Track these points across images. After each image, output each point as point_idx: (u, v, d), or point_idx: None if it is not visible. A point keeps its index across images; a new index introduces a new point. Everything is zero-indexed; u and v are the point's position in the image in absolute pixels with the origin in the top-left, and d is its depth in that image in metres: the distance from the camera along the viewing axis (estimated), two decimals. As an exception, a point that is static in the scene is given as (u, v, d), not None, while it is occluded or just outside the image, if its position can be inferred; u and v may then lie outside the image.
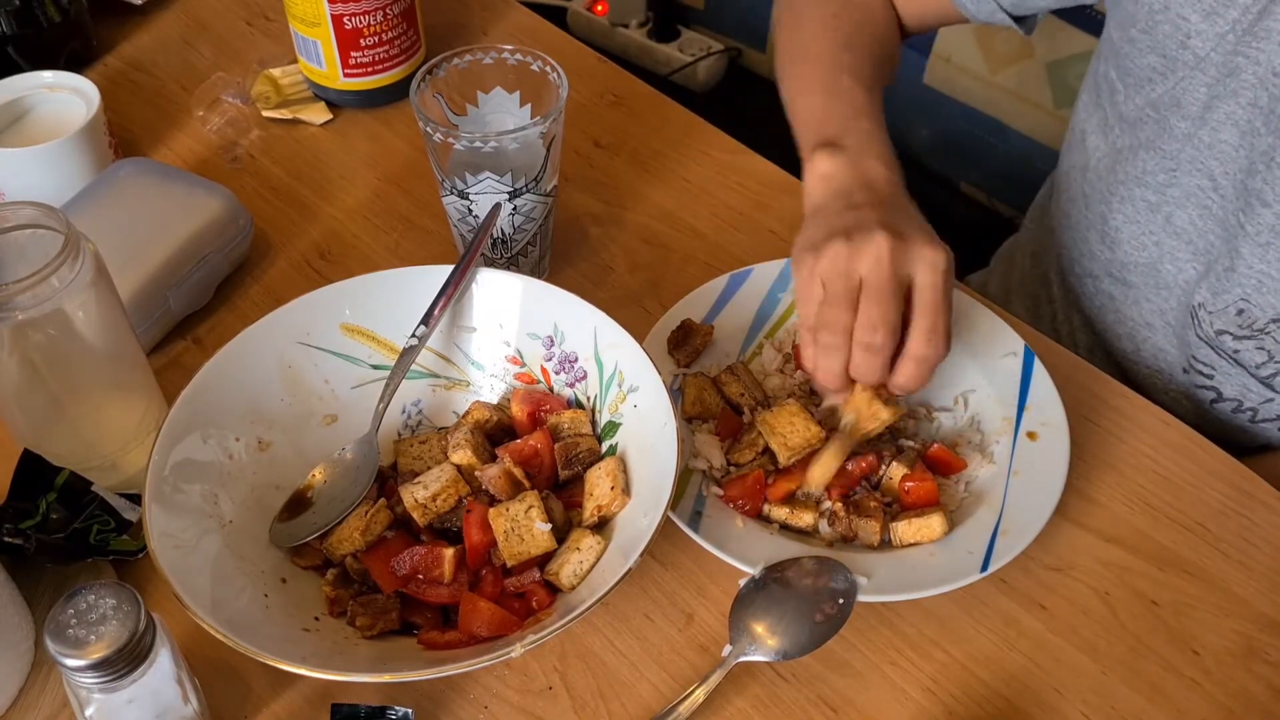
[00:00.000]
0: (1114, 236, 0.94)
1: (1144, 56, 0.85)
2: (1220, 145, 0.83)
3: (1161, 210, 0.89)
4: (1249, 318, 0.85)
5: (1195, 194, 0.86)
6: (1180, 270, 0.90)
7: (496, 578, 0.70)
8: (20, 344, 0.68)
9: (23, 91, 0.95)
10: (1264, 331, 0.85)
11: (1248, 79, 0.79)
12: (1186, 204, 0.87)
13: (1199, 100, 0.82)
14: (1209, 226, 0.86)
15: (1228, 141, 0.82)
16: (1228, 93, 0.80)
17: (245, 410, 0.74)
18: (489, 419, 0.77)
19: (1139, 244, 0.92)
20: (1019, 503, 0.74)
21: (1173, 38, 0.82)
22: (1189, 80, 0.82)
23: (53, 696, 0.68)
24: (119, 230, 0.84)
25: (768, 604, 0.69)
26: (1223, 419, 0.93)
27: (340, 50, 1.01)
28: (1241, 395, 0.90)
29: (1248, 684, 0.70)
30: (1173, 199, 0.88)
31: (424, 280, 0.77)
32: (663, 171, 1.01)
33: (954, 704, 0.69)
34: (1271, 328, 0.85)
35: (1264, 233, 0.81)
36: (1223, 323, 0.87)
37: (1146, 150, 0.88)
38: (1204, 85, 0.82)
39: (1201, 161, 0.84)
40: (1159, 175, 0.88)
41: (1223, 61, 0.80)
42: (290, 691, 0.69)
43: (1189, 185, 0.86)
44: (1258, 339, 0.86)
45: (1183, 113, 0.84)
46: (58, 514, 0.71)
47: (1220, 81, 0.80)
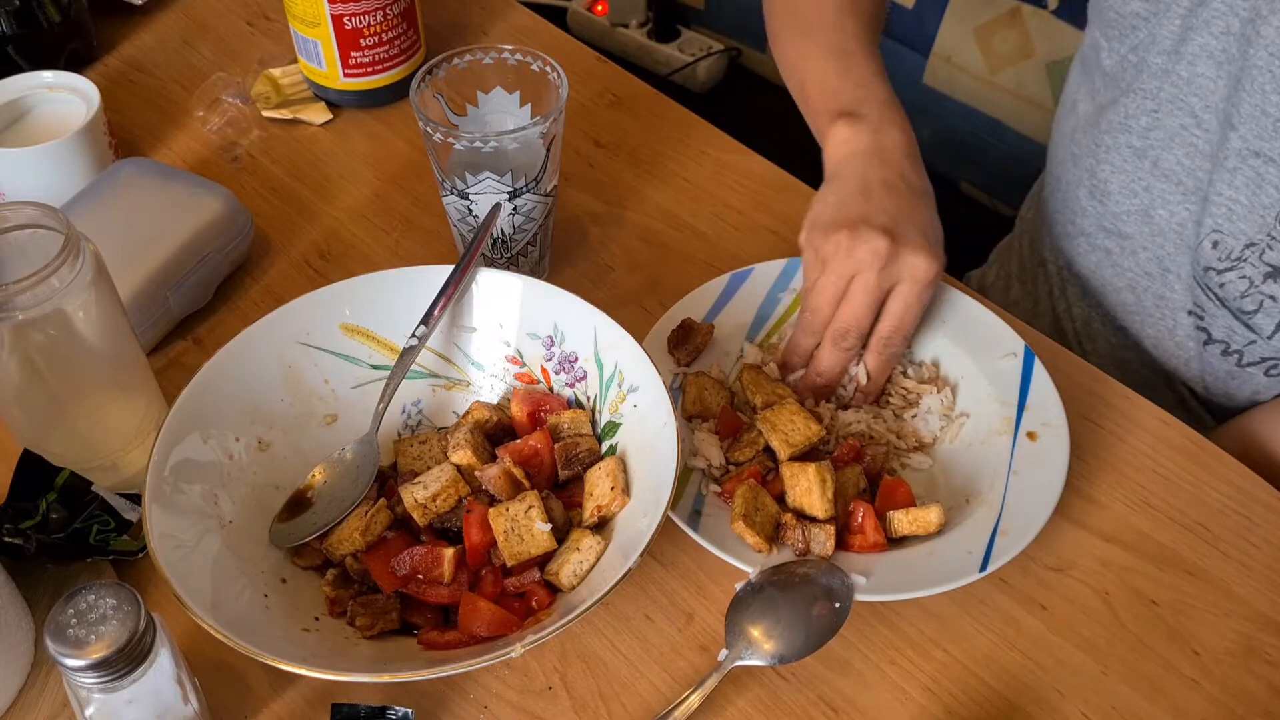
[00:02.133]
0: (1103, 189, 0.95)
1: (1128, 4, 0.87)
2: (1198, 79, 0.84)
3: (1148, 155, 0.90)
4: (1224, 249, 0.87)
5: (1179, 133, 0.87)
6: (1173, 213, 0.91)
7: (496, 578, 0.70)
8: (20, 344, 0.68)
9: (23, 91, 0.95)
10: (1241, 259, 0.86)
11: (1218, 7, 0.81)
12: (1172, 144, 0.88)
13: (1172, 35, 0.85)
14: (1197, 164, 0.87)
15: (1205, 74, 0.84)
16: (1199, 24, 0.82)
17: (245, 410, 0.74)
18: (489, 419, 0.77)
19: (1129, 191, 0.93)
20: (1019, 503, 0.74)
21: None
22: (1169, 19, 0.85)
23: (53, 696, 0.68)
24: (119, 230, 0.85)
25: (764, 607, 0.69)
26: (1216, 363, 0.94)
27: (340, 50, 1.01)
28: (1228, 337, 0.91)
29: (1248, 684, 0.70)
30: (1158, 141, 0.89)
31: (424, 280, 0.77)
32: (663, 171, 1.01)
33: (954, 704, 0.69)
34: (1247, 253, 0.86)
35: (1231, 157, 0.83)
36: (1205, 258, 0.88)
37: (1127, 96, 0.90)
38: (1177, 19, 0.84)
39: (1182, 99, 0.86)
40: (1141, 119, 0.90)
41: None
42: (290, 691, 0.69)
43: (1172, 125, 0.88)
44: (1237, 268, 0.87)
45: (1158, 50, 0.86)
46: (58, 514, 0.71)
47: (1192, 13, 0.83)
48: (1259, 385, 0.93)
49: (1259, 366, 0.91)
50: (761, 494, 0.73)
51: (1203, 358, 0.94)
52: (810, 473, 0.72)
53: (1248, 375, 0.93)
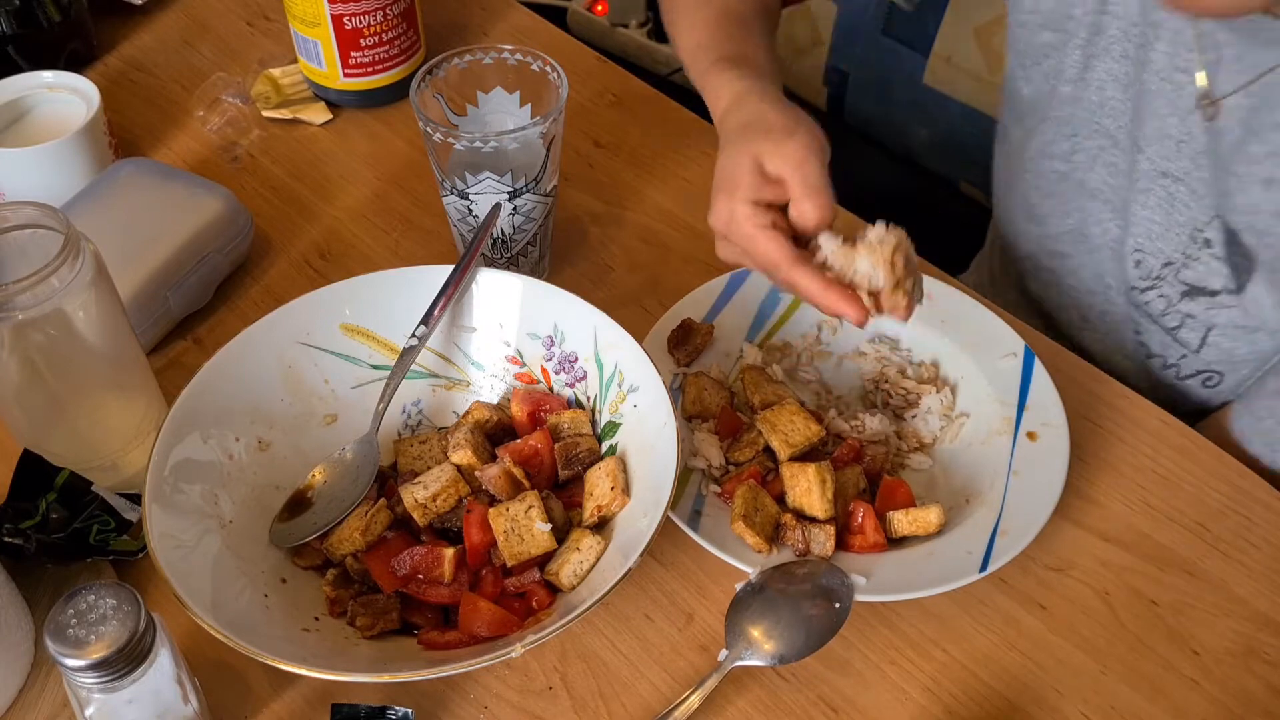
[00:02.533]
0: (1037, 213, 0.97)
1: (1038, 35, 0.89)
2: (1108, 103, 0.87)
3: (1072, 178, 0.93)
4: (1146, 268, 0.89)
5: (1099, 154, 0.90)
6: (1105, 230, 0.93)
7: (496, 578, 0.70)
8: (20, 344, 0.68)
9: (23, 91, 0.95)
10: (1160, 278, 0.88)
11: (1114, 34, 0.83)
12: (1094, 165, 0.90)
13: (1078, 63, 0.87)
14: (1120, 182, 0.89)
15: (1114, 97, 0.86)
16: (1100, 50, 0.85)
17: (245, 410, 0.74)
18: (489, 419, 0.77)
19: (1062, 213, 0.95)
20: (1018, 503, 0.74)
21: (1058, 11, 0.87)
22: (1074, 47, 0.87)
23: (53, 696, 0.68)
24: (119, 230, 0.85)
25: (764, 608, 0.69)
26: (1159, 376, 0.95)
27: (340, 50, 1.01)
28: (1164, 351, 0.93)
29: (1247, 684, 0.70)
30: (1081, 164, 0.91)
31: (424, 280, 0.77)
32: (663, 171, 1.01)
33: (954, 704, 0.69)
34: (1165, 272, 0.87)
35: (1142, 178, 0.85)
36: (1129, 277, 0.91)
37: (1046, 123, 0.92)
38: (1078, 48, 0.86)
39: (1095, 121, 0.88)
40: (1062, 144, 0.92)
41: (1091, 22, 0.84)
42: (290, 691, 0.69)
43: (1090, 148, 0.90)
44: (1157, 286, 0.89)
45: (1067, 78, 0.88)
46: (58, 514, 0.71)
47: (1091, 41, 0.85)
48: (1202, 396, 0.94)
49: (1195, 379, 0.92)
50: (761, 494, 0.73)
51: (1148, 371, 0.96)
52: (810, 473, 0.72)
53: (1188, 387, 0.94)
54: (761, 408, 0.78)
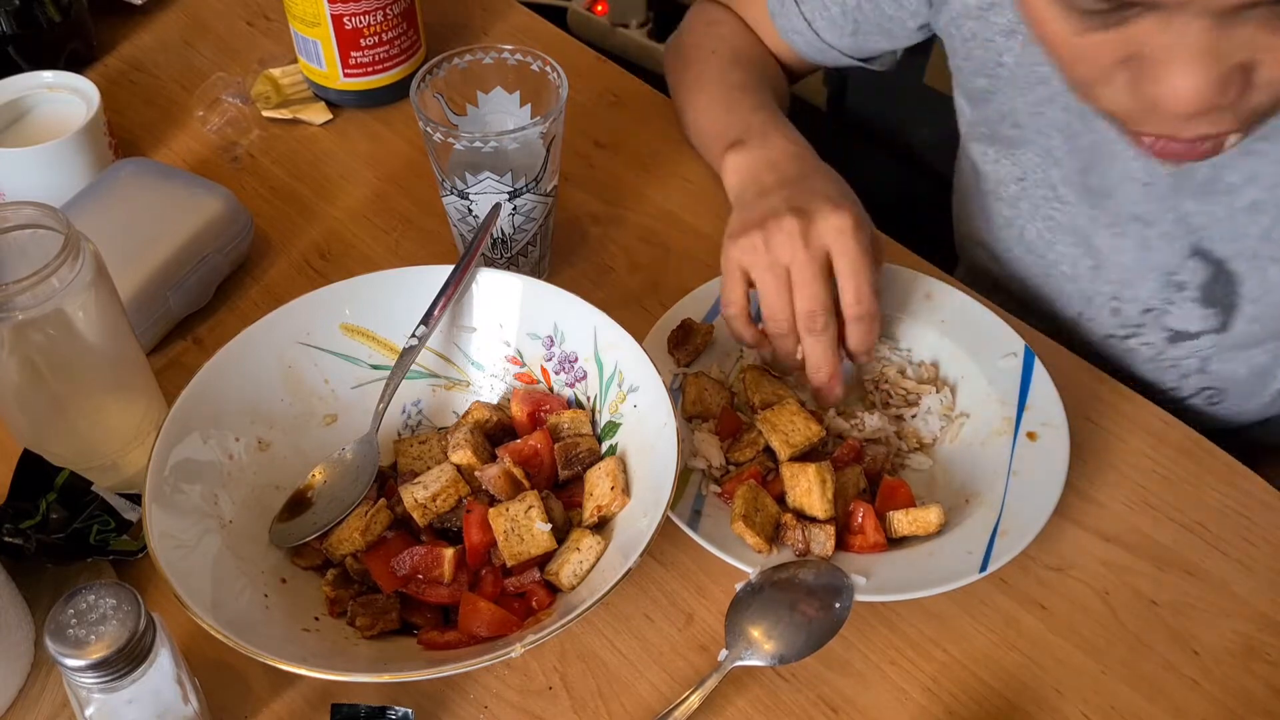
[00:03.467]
0: (990, 251, 0.97)
1: (973, 80, 0.89)
2: (1054, 151, 0.86)
3: (1015, 225, 0.93)
4: (1124, 316, 0.89)
5: (1040, 205, 0.89)
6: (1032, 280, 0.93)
7: (496, 578, 0.70)
8: (20, 344, 0.68)
9: (23, 91, 0.95)
10: (1141, 325, 0.88)
11: (1057, 85, 0.81)
12: (1035, 217, 0.90)
13: (1023, 112, 0.86)
14: (1057, 237, 0.89)
15: (1059, 147, 0.85)
16: (1044, 100, 0.84)
17: (245, 410, 0.74)
18: (489, 419, 0.77)
19: (1010, 257, 0.95)
20: (1018, 503, 0.74)
21: (988, 60, 0.86)
22: (1010, 95, 0.86)
23: (53, 696, 0.68)
24: (119, 230, 0.85)
25: (764, 608, 0.69)
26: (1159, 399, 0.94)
27: (340, 50, 1.01)
28: (1159, 379, 0.92)
29: (1248, 684, 0.70)
30: (1024, 212, 0.91)
31: (424, 280, 0.77)
32: (663, 171, 1.01)
33: (954, 704, 0.69)
34: (1146, 319, 0.88)
35: (1117, 222, 0.85)
36: (1103, 327, 0.90)
37: (993, 166, 0.92)
38: (1021, 97, 0.85)
39: (1042, 170, 0.88)
40: (1010, 187, 0.91)
41: (1030, 72, 0.83)
42: (290, 691, 0.69)
43: (1036, 196, 0.89)
44: (1138, 334, 0.89)
45: (1013, 124, 0.87)
46: (58, 514, 0.71)
47: (1032, 89, 0.84)
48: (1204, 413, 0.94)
49: (1198, 397, 0.92)
50: (761, 494, 0.73)
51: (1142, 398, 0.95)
52: (810, 473, 0.72)
53: (1189, 406, 0.94)
54: (761, 408, 0.78)
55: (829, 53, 0.96)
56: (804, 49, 0.97)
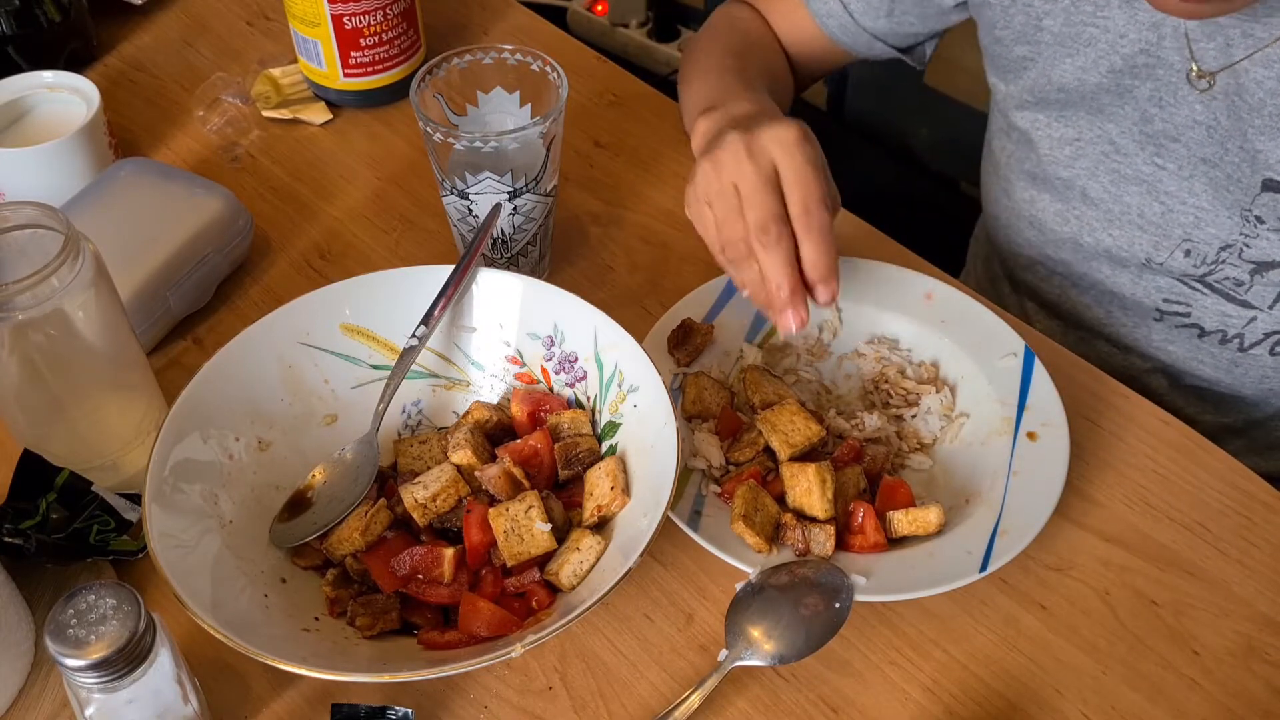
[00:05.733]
0: (1040, 220, 0.97)
1: (1012, 49, 0.91)
2: (1107, 108, 0.88)
3: (1075, 185, 0.93)
4: (1198, 255, 0.89)
5: (1102, 160, 0.90)
6: (1098, 238, 0.93)
7: (496, 578, 0.70)
8: (20, 344, 0.68)
9: (23, 91, 0.95)
10: (1219, 262, 0.88)
11: (1103, 47, 0.85)
12: (1097, 173, 0.91)
13: (1070, 74, 0.88)
14: (1122, 189, 0.90)
15: (1111, 104, 0.87)
16: (1090, 62, 0.86)
17: (245, 410, 0.74)
18: (489, 419, 0.77)
19: (1061, 219, 0.95)
20: (1019, 503, 0.74)
21: (1028, 25, 0.88)
22: (1054, 58, 0.88)
23: (53, 696, 0.68)
24: (119, 230, 0.85)
25: (764, 608, 0.69)
26: (1212, 356, 0.94)
27: (340, 50, 1.01)
28: (1223, 324, 0.92)
29: (1248, 684, 0.70)
30: (1084, 171, 0.92)
31: (424, 280, 0.77)
32: (663, 171, 1.01)
33: (954, 704, 0.69)
34: (1224, 255, 0.87)
35: (1185, 166, 0.86)
36: (1179, 266, 0.90)
37: (1045, 131, 0.93)
38: (1068, 60, 0.87)
39: (1098, 126, 0.89)
40: (1065, 149, 0.92)
41: (1078, 33, 0.85)
42: (290, 691, 0.69)
43: (1094, 154, 0.90)
44: (1217, 270, 0.89)
45: (1059, 88, 0.89)
46: (58, 514, 0.71)
47: (1079, 52, 0.86)
48: (1266, 368, 0.93)
49: (1263, 345, 0.91)
50: (761, 494, 0.73)
51: (1198, 354, 0.94)
52: (810, 473, 0.72)
53: (1251, 358, 0.93)
54: (762, 408, 0.78)
55: (862, 37, 0.97)
56: (838, 33, 0.97)
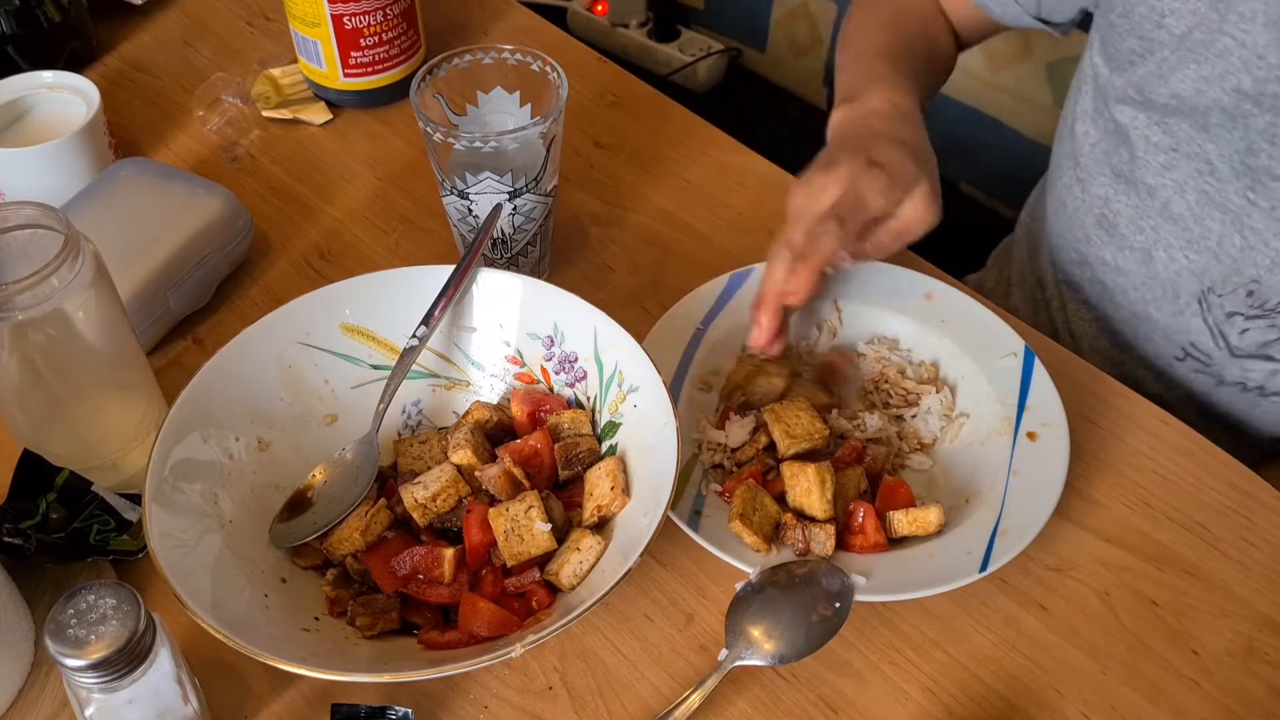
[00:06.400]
0: (1112, 221, 0.94)
1: (1124, 40, 0.86)
2: (1214, 127, 0.83)
3: (1159, 195, 0.89)
4: (1259, 298, 0.86)
5: (1193, 178, 0.87)
6: (1173, 259, 0.90)
7: (496, 578, 0.70)
8: (20, 344, 0.68)
9: (23, 91, 0.95)
10: (1275, 310, 0.86)
11: (1234, 62, 0.80)
12: (1185, 189, 0.88)
13: (1187, 82, 0.83)
14: (1206, 212, 0.87)
15: (1220, 124, 0.83)
16: (1215, 76, 0.81)
17: (245, 410, 0.74)
18: (489, 419, 0.77)
19: (1136, 228, 0.92)
20: (1019, 503, 0.74)
21: (1148, 19, 0.83)
22: (1174, 62, 0.83)
23: (53, 696, 0.68)
24: (119, 230, 0.85)
25: (764, 607, 0.69)
26: (1228, 402, 0.93)
27: (340, 50, 1.01)
28: (1243, 377, 0.91)
29: (1248, 684, 0.70)
30: (1171, 184, 0.88)
31: (424, 280, 0.77)
32: (663, 171, 1.01)
33: (954, 704, 0.69)
34: None
35: (1279, 207, 0.83)
36: (1233, 304, 0.88)
37: (1141, 133, 0.89)
38: (1189, 67, 0.82)
39: (1198, 144, 0.85)
40: (1159, 156, 0.88)
41: (1208, 41, 0.80)
42: (290, 691, 0.69)
43: (1187, 169, 0.87)
44: (1270, 318, 0.87)
45: (1172, 94, 0.85)
46: (58, 514, 0.71)
47: (1206, 61, 0.81)
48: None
49: None
50: (761, 494, 0.73)
51: (1217, 395, 0.94)
52: (810, 473, 0.72)
53: (1270, 403, 0.92)
54: (756, 399, 0.79)
55: (1011, 8, 0.95)
56: (990, 4, 0.96)
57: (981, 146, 1.75)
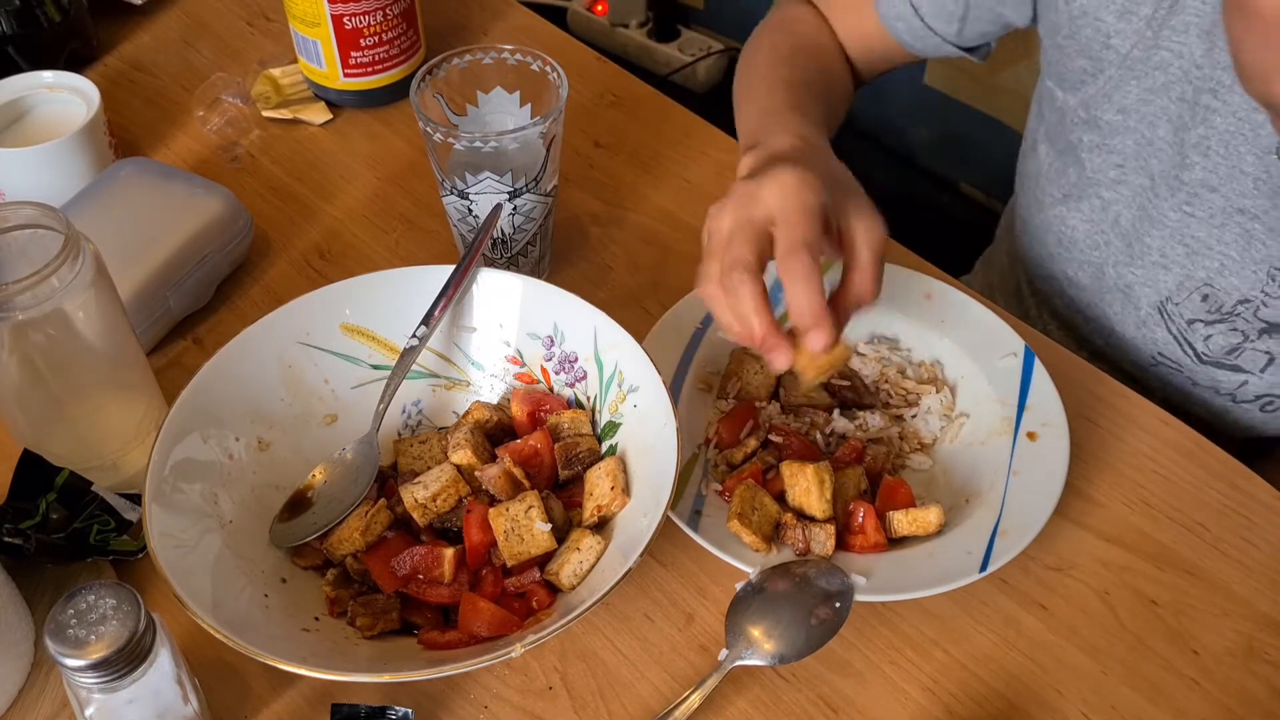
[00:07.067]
0: (1070, 238, 0.96)
1: (1073, 60, 0.87)
2: (1156, 141, 0.85)
3: (1110, 212, 0.92)
4: (1215, 302, 0.88)
5: (1137, 195, 0.89)
6: (1121, 275, 0.92)
7: (496, 578, 0.70)
8: (20, 344, 0.68)
9: (23, 91, 0.95)
10: (1233, 314, 0.87)
11: (1174, 73, 0.81)
12: (1133, 204, 0.89)
13: (1131, 97, 0.85)
14: (1145, 229, 0.89)
15: (1163, 138, 0.84)
16: (1158, 87, 0.83)
17: (245, 410, 0.74)
18: (489, 419, 0.77)
19: (1091, 244, 0.94)
20: (1019, 503, 0.74)
21: (1095, 40, 0.85)
22: (1118, 79, 0.85)
23: (53, 696, 0.68)
24: (119, 230, 0.85)
25: (764, 607, 0.69)
26: (1205, 404, 0.94)
27: (340, 50, 1.01)
28: (1214, 383, 0.92)
29: (1248, 684, 0.70)
30: (1123, 197, 0.90)
31: (424, 280, 0.77)
32: (663, 171, 1.01)
33: (954, 704, 0.69)
34: (1241, 309, 0.87)
35: (1216, 215, 0.84)
36: (1191, 311, 0.89)
37: (1089, 152, 0.91)
38: (1132, 83, 0.84)
39: (1143, 159, 0.87)
40: (1108, 172, 0.90)
41: (1145, 57, 0.82)
42: (290, 691, 0.69)
43: (1134, 186, 0.89)
44: (1229, 321, 0.88)
45: (1118, 109, 0.86)
46: (58, 514, 0.71)
47: (1147, 75, 0.83)
48: (1255, 420, 0.94)
49: (1254, 404, 0.92)
50: (760, 494, 0.73)
51: (1190, 401, 0.95)
52: (809, 473, 0.72)
53: (1243, 410, 0.93)
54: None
55: (930, 39, 0.94)
56: (904, 35, 0.95)
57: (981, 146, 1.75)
